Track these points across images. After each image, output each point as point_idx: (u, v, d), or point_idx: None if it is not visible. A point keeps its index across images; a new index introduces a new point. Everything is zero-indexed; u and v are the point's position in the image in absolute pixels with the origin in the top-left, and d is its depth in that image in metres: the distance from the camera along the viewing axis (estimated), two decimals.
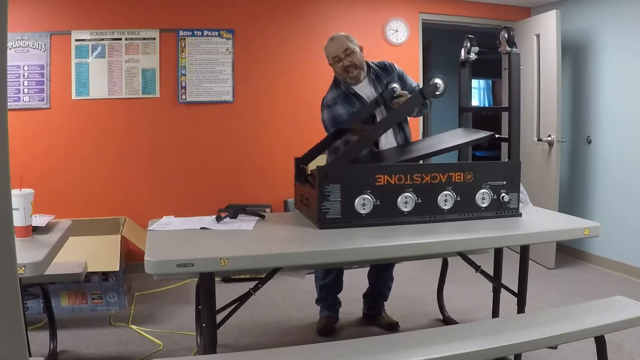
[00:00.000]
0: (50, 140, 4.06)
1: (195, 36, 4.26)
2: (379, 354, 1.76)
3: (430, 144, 2.82)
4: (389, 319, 3.17)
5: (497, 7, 4.92)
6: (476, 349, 1.81)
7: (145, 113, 4.22)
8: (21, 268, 1.71)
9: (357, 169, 2.24)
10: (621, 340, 2.80)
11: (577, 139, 4.59)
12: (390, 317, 3.19)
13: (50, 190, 3.87)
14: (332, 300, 3.13)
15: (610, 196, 4.27)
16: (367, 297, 3.25)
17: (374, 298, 3.22)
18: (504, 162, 2.47)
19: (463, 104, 2.80)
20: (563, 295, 3.67)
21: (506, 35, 2.35)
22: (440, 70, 7.16)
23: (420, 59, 4.78)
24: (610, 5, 4.20)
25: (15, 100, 3.96)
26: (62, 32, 4.04)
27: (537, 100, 4.53)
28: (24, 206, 2.04)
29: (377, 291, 3.20)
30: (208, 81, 4.30)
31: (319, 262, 2.36)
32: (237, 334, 3.01)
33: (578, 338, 2.11)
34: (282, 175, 4.08)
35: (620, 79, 4.16)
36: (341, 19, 4.47)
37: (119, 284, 3.37)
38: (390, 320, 3.16)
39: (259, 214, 2.38)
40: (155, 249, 1.88)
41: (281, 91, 4.33)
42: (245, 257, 1.84)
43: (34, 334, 2.90)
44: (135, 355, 2.74)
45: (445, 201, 2.26)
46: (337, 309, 3.17)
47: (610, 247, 4.25)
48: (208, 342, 2.03)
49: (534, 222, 2.33)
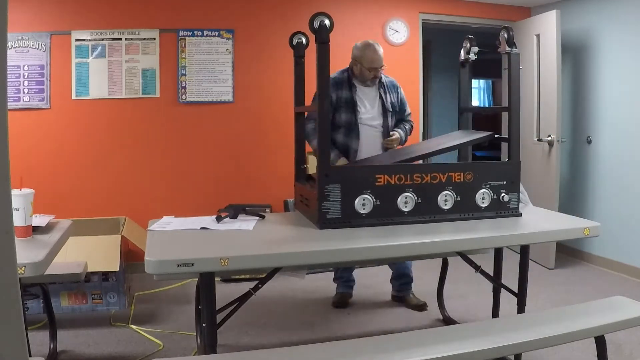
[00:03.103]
0: (50, 140, 4.06)
1: (195, 36, 4.26)
2: (379, 354, 1.76)
3: (430, 145, 2.82)
4: (416, 300, 3.41)
5: (497, 7, 4.91)
6: (476, 349, 1.81)
7: (145, 113, 4.22)
8: (21, 268, 1.71)
9: (357, 169, 2.24)
10: (621, 340, 2.80)
11: (577, 139, 4.59)
12: (417, 299, 3.42)
13: (50, 190, 3.87)
14: (347, 277, 3.48)
15: (610, 196, 4.27)
16: (394, 280, 3.51)
17: (399, 280, 3.47)
18: (504, 162, 2.47)
19: (463, 104, 2.80)
20: (563, 295, 3.67)
21: (506, 35, 2.35)
22: (440, 70, 7.21)
23: (420, 59, 4.78)
24: (610, 5, 4.20)
25: (15, 100, 3.96)
26: (62, 32, 4.04)
27: (537, 100, 4.53)
28: (24, 206, 2.04)
29: (400, 272, 3.44)
30: (208, 81, 4.30)
31: (319, 262, 2.37)
32: (237, 334, 3.01)
33: (578, 338, 2.10)
34: (282, 176, 4.08)
35: (620, 79, 4.16)
36: (341, 19, 4.46)
37: (119, 284, 3.37)
38: (418, 302, 3.40)
39: (259, 214, 2.38)
40: (155, 249, 1.88)
41: (281, 91, 4.33)
42: (245, 257, 1.84)
43: (34, 334, 2.89)
44: (135, 355, 2.74)
45: (445, 201, 2.26)
46: (352, 286, 3.53)
47: (610, 247, 4.25)
48: (208, 342, 2.03)
49: (534, 222, 2.33)
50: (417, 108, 4.61)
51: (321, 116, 2.15)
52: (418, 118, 4.61)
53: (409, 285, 3.47)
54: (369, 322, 3.23)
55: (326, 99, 2.15)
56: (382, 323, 3.20)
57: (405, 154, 2.56)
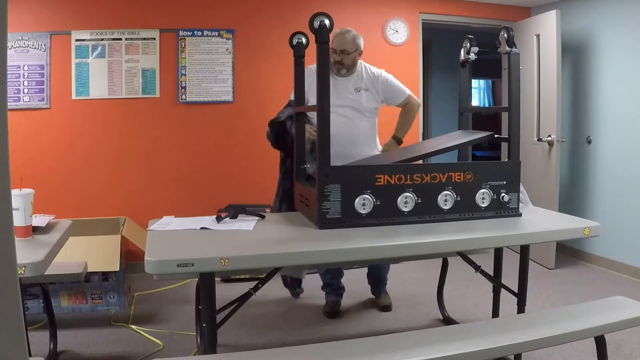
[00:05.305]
0: (50, 141, 4.06)
1: (195, 36, 4.26)
2: (379, 354, 1.76)
3: (430, 145, 2.82)
4: (383, 301, 3.42)
5: (497, 7, 4.91)
6: (476, 349, 1.81)
7: (145, 113, 4.22)
8: (21, 268, 1.71)
9: (357, 169, 2.24)
10: (621, 340, 2.80)
11: (577, 138, 4.59)
12: (386, 299, 3.43)
13: (50, 190, 3.87)
14: (336, 285, 3.39)
15: (610, 196, 4.27)
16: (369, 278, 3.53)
17: (372, 280, 3.51)
18: (504, 162, 2.46)
19: (463, 104, 2.80)
20: (563, 295, 3.67)
21: (506, 35, 2.34)
22: (440, 70, 7.22)
23: (420, 59, 4.78)
24: (610, 5, 4.20)
25: (15, 100, 3.96)
26: (62, 32, 4.04)
27: (537, 100, 4.53)
28: (24, 206, 2.04)
29: (373, 272, 3.49)
30: (208, 81, 4.30)
31: (319, 262, 2.37)
32: (237, 334, 3.01)
33: (578, 338, 2.10)
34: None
35: (620, 78, 4.16)
36: (341, 19, 4.45)
37: (119, 284, 3.37)
38: (384, 302, 3.41)
39: (259, 214, 2.38)
40: (155, 249, 1.88)
41: (281, 91, 4.33)
42: (245, 257, 1.83)
43: (34, 334, 2.90)
44: (135, 355, 2.74)
45: (445, 201, 2.26)
46: (341, 294, 3.43)
47: (610, 247, 4.25)
48: (208, 342, 2.03)
49: (534, 222, 2.33)
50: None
51: (321, 116, 2.15)
52: (418, 118, 4.60)
53: (381, 286, 3.49)
54: (368, 322, 3.23)
55: (326, 99, 2.15)
56: (382, 323, 3.20)
57: (405, 154, 2.56)
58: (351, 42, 2.99)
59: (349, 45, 2.98)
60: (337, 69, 3.03)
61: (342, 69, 3.04)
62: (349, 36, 3.00)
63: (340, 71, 3.05)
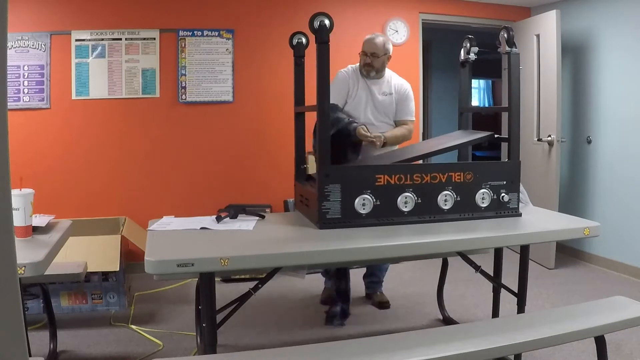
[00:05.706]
0: (50, 140, 4.06)
1: (195, 36, 4.26)
2: (379, 354, 1.76)
3: (430, 145, 2.82)
4: (380, 298, 3.49)
5: (497, 7, 4.91)
6: (476, 349, 1.81)
7: (145, 113, 4.22)
8: (21, 268, 1.71)
9: (357, 169, 2.24)
10: (621, 340, 2.80)
11: (577, 138, 4.59)
12: (382, 296, 3.50)
13: (50, 190, 3.87)
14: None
15: (610, 196, 4.27)
16: (365, 278, 3.60)
17: (369, 278, 3.58)
18: (504, 162, 2.47)
19: (463, 104, 2.80)
20: (563, 295, 3.67)
21: (506, 35, 2.34)
22: (440, 70, 7.21)
23: (420, 59, 4.78)
24: (610, 5, 4.20)
25: (15, 100, 3.96)
26: (62, 32, 4.04)
27: (537, 100, 4.53)
28: (24, 206, 2.04)
29: (371, 271, 3.56)
30: (208, 81, 4.30)
31: (319, 262, 2.36)
32: (237, 334, 3.01)
33: (578, 338, 2.11)
34: (282, 176, 4.09)
35: (620, 79, 4.16)
36: (341, 19, 4.46)
37: (119, 284, 3.37)
38: (382, 299, 3.48)
39: (259, 214, 2.38)
40: (155, 249, 1.88)
41: (281, 91, 4.33)
42: (245, 257, 1.84)
43: (34, 334, 2.89)
44: (135, 355, 2.74)
45: (445, 201, 2.26)
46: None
47: (610, 247, 4.25)
48: (208, 342, 2.03)
49: (534, 222, 2.33)
50: (417, 108, 4.60)
51: (321, 116, 2.15)
52: (418, 118, 4.60)
53: (379, 285, 3.57)
54: (368, 322, 3.23)
55: (326, 99, 2.15)
56: (382, 323, 3.20)
57: (405, 154, 2.56)
58: (381, 46, 3.12)
59: (379, 49, 3.11)
60: (367, 71, 3.16)
61: (371, 71, 3.15)
62: (379, 40, 3.14)
63: (370, 73, 3.16)
